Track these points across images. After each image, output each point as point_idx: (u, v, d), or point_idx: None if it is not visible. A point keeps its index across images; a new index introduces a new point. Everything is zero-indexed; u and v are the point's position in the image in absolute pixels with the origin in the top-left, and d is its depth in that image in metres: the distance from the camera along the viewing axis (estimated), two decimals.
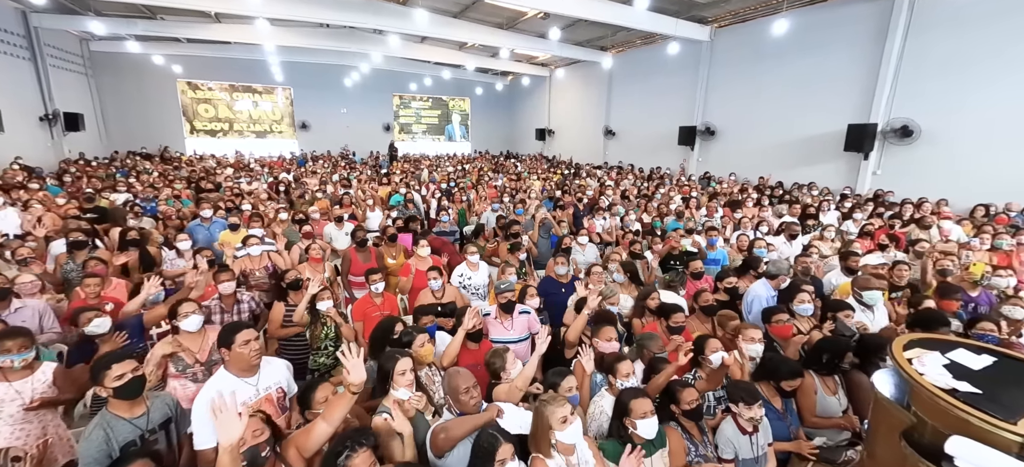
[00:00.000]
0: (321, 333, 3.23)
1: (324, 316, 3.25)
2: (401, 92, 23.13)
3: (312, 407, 2.09)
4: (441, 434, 1.98)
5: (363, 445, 1.69)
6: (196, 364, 2.68)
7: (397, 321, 2.56)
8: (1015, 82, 7.31)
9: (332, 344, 3.28)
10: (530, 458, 1.97)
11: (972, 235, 5.90)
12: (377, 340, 2.51)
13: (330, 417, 1.88)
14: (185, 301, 2.77)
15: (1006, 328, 3.21)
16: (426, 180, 11.57)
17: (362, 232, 4.61)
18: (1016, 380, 1.68)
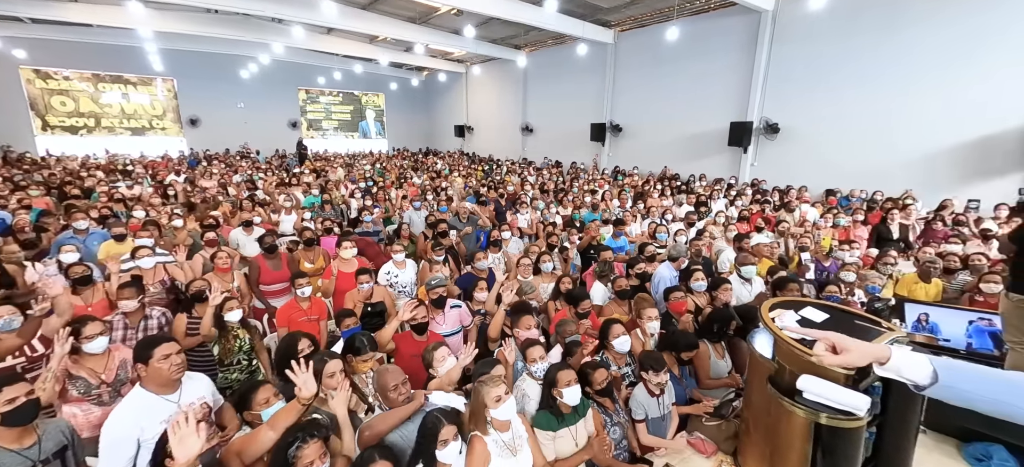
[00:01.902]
0: (233, 346, 3.02)
1: (235, 328, 3.06)
2: (308, 86, 21.64)
3: (252, 408, 2.02)
4: (366, 431, 2.04)
5: (314, 436, 1.70)
6: (101, 386, 2.41)
7: (301, 337, 2.48)
8: (858, 89, 8.88)
9: (245, 357, 3.08)
10: (469, 436, 2.12)
11: (821, 215, 7.18)
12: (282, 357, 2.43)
13: (277, 426, 1.85)
14: (90, 321, 2.47)
15: (845, 289, 4.00)
16: (342, 179, 11.06)
17: (271, 237, 4.34)
18: (846, 328, 2.16)
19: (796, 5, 9.32)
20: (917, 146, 8.28)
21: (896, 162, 8.53)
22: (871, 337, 2.08)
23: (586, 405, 2.44)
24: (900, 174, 8.36)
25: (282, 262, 4.32)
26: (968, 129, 7.65)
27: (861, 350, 1.15)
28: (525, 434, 2.22)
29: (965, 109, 7.61)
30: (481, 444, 2.08)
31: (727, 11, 10.52)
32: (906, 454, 2.26)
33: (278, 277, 4.06)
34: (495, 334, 3.10)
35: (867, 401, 1.74)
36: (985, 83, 7.35)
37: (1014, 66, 7.04)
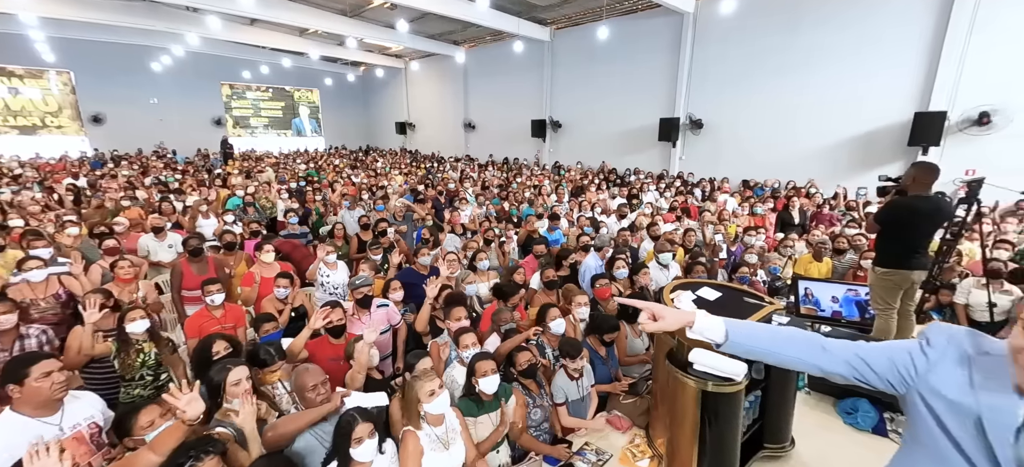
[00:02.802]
0: (135, 361, 2.79)
1: (139, 341, 2.85)
2: (232, 81, 20.16)
3: (133, 433, 1.88)
4: (269, 432, 1.99)
5: (209, 453, 1.63)
6: None
7: (216, 340, 2.37)
8: (767, 87, 9.69)
9: (151, 372, 2.86)
10: (402, 431, 2.13)
11: (740, 202, 7.81)
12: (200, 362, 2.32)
13: (160, 448, 1.73)
14: None
15: (750, 270, 4.41)
16: (271, 180, 10.46)
17: (196, 240, 4.06)
18: (733, 304, 2.40)
19: (712, 8, 10.00)
20: (818, 139, 9.20)
21: (801, 153, 9.43)
22: (756, 311, 2.33)
23: (508, 390, 2.53)
24: (805, 164, 9.26)
25: (209, 266, 4.06)
26: (858, 123, 8.62)
27: (674, 317, 1.30)
28: (458, 427, 2.27)
29: (855, 105, 8.56)
30: (414, 439, 2.10)
31: (653, 12, 11.07)
32: (787, 412, 2.55)
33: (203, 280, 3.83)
34: (422, 328, 3.13)
35: (743, 367, 1.94)
36: (870, 82, 8.31)
37: (891, 68, 8.02)
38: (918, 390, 1.07)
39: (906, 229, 3.26)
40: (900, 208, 3.25)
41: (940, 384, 1.03)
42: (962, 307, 4.20)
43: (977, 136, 7.36)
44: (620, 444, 2.67)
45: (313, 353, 2.79)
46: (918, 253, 3.31)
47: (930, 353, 1.08)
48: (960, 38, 7.25)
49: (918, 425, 1.09)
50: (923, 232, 3.33)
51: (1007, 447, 0.92)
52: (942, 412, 1.03)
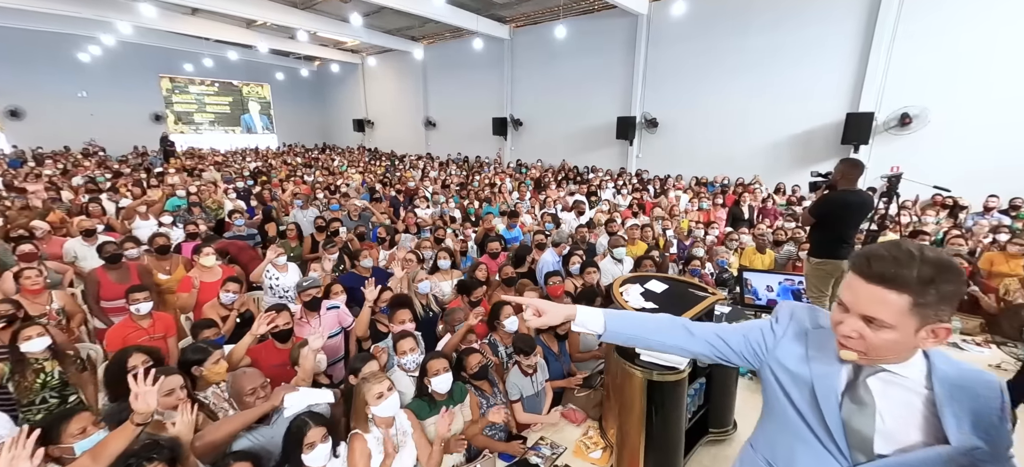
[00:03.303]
0: (33, 383, 2.47)
1: (38, 361, 2.52)
2: (172, 73, 18.89)
3: (61, 441, 1.72)
4: (197, 443, 1.88)
5: (154, 458, 1.53)
6: None
7: (133, 353, 2.19)
8: (718, 87, 10.09)
9: (55, 394, 2.55)
10: (351, 434, 2.07)
11: (691, 198, 8.13)
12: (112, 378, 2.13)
13: (103, 455, 1.61)
14: None
15: (700, 263, 4.59)
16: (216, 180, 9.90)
17: (112, 246, 3.74)
18: (679, 296, 2.48)
19: (664, 11, 10.33)
20: (762, 137, 9.71)
21: (748, 151, 9.92)
22: (700, 302, 2.41)
23: (463, 391, 2.51)
24: (751, 161, 9.76)
25: (131, 273, 3.76)
26: (798, 122, 9.16)
27: (557, 311, 1.32)
28: (410, 428, 2.23)
29: (795, 106, 9.09)
30: (361, 442, 2.05)
31: (609, 13, 11.30)
32: (730, 398, 2.67)
33: (123, 291, 3.52)
34: (362, 333, 3.06)
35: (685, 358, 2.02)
36: (808, 84, 8.85)
37: (827, 72, 8.58)
38: (768, 364, 1.15)
39: (837, 222, 3.49)
40: (832, 202, 3.48)
41: (784, 357, 1.11)
42: None
43: (900, 136, 8.00)
44: (575, 437, 2.71)
45: (256, 359, 2.65)
46: (848, 243, 3.56)
47: (777, 329, 1.16)
48: (884, 45, 7.85)
49: (770, 396, 1.17)
50: (852, 224, 3.58)
51: (834, 412, 1.00)
52: (786, 383, 1.11)
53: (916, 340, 0.89)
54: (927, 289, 0.83)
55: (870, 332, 0.89)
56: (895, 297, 0.85)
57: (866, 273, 0.89)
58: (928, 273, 0.83)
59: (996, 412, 0.90)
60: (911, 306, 0.84)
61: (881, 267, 0.87)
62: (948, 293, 0.85)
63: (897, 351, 0.91)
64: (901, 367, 0.94)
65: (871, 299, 0.88)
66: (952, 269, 0.85)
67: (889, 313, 0.86)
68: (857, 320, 0.90)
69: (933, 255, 0.86)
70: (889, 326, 0.87)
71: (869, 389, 0.98)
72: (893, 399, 0.96)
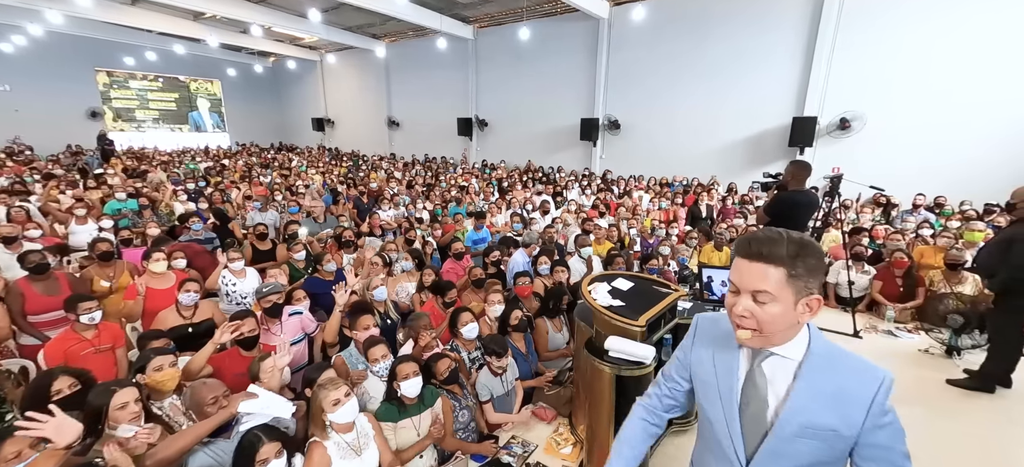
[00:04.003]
0: None
1: None
2: (110, 67, 17.58)
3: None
4: (148, 461, 1.75)
5: None
6: None
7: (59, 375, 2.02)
8: (676, 90, 10.48)
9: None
10: (308, 443, 2.01)
11: (653, 198, 8.40)
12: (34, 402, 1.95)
13: None
14: None
15: (662, 261, 4.76)
16: (164, 181, 9.31)
17: (37, 255, 3.42)
18: (644, 293, 2.57)
19: (625, 16, 10.62)
20: (718, 138, 10.16)
21: (705, 152, 10.36)
22: (664, 299, 2.51)
23: (434, 394, 2.49)
24: (707, 162, 10.20)
25: (61, 284, 3.46)
26: (750, 125, 9.66)
27: None
28: (371, 431, 2.19)
29: (747, 110, 9.58)
30: (320, 450, 1.99)
31: (572, 16, 11.48)
32: None
33: (53, 304, 3.24)
34: (331, 339, 2.98)
35: (652, 351, 2.10)
36: (759, 89, 9.34)
37: (776, 78, 9.09)
38: (690, 374, 1.22)
39: (789, 220, 3.72)
40: (784, 202, 3.71)
41: (695, 365, 1.19)
42: (831, 286, 4.89)
43: (841, 138, 8.60)
44: (545, 434, 2.75)
45: (219, 368, 2.52)
46: None
47: (687, 343, 1.24)
48: (825, 54, 8.42)
49: (698, 406, 1.21)
50: (801, 222, 3.83)
51: (733, 406, 1.08)
52: (699, 389, 1.19)
53: (796, 314, 0.97)
54: (796, 262, 0.93)
55: (758, 309, 0.97)
56: (773, 270, 0.94)
57: (749, 253, 0.98)
58: (794, 249, 0.94)
59: (865, 401, 0.97)
60: (786, 277, 0.94)
61: (759, 246, 0.97)
62: (812, 266, 0.95)
63: (783, 326, 0.98)
64: (786, 348, 1.02)
65: (755, 275, 0.96)
66: (811, 246, 0.96)
67: (771, 284, 0.94)
68: (747, 298, 0.98)
69: (797, 236, 0.97)
70: (773, 297, 0.95)
71: (763, 373, 1.05)
72: (781, 382, 1.04)
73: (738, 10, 9.29)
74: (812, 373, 1.00)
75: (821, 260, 0.97)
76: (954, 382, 3.36)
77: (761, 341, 1.02)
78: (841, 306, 4.69)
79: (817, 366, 1.00)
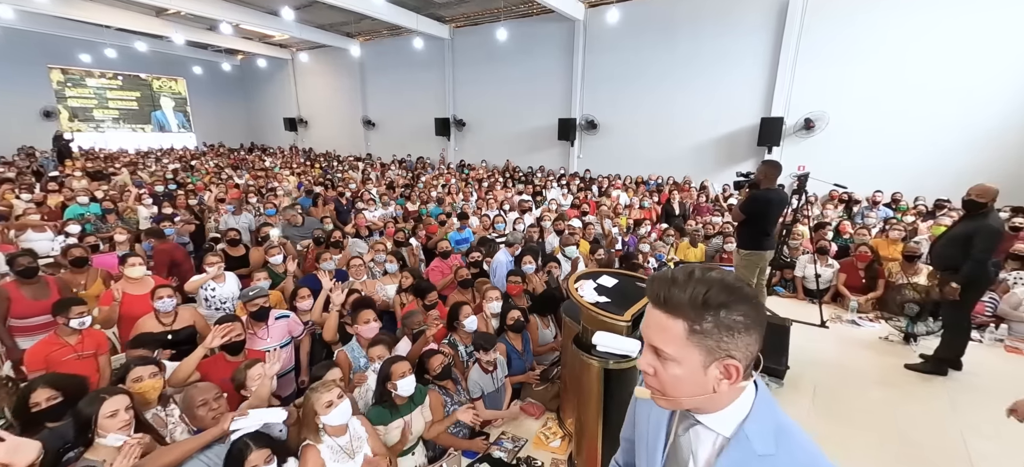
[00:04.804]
0: None
1: None
2: (65, 64, 16.68)
3: None
4: None
5: None
6: None
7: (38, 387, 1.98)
8: (649, 90, 10.72)
9: None
10: (301, 446, 2.02)
11: (630, 196, 8.60)
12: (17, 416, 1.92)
13: None
14: None
15: (642, 258, 4.91)
16: (127, 184, 8.95)
17: (28, 258, 3.33)
18: (629, 289, 2.67)
19: (600, 17, 10.81)
20: (690, 138, 10.47)
21: (678, 152, 10.65)
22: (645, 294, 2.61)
23: (423, 393, 2.53)
24: (681, 162, 10.51)
25: (50, 288, 3.35)
26: (721, 125, 10.00)
27: None
28: (364, 434, 2.21)
29: (718, 110, 9.91)
30: (313, 453, 2.00)
31: (548, 17, 11.61)
32: None
33: (40, 308, 3.16)
34: (330, 337, 2.97)
35: (638, 345, 2.19)
36: (729, 90, 9.67)
37: (745, 80, 9.43)
38: None
39: (762, 217, 3.92)
40: (757, 200, 3.90)
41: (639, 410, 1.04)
42: (799, 279, 5.15)
43: (806, 138, 9.01)
44: (534, 429, 2.83)
45: (206, 374, 2.48)
46: (769, 236, 4.01)
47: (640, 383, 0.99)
48: (790, 57, 8.81)
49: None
50: (773, 219, 4.03)
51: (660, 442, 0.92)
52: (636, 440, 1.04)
53: (707, 379, 0.76)
54: (703, 313, 0.72)
55: (661, 366, 0.78)
56: (671, 322, 0.74)
57: (651, 296, 0.79)
58: (701, 294, 0.72)
59: None
60: (687, 332, 0.73)
61: (658, 288, 0.77)
62: (731, 323, 0.73)
63: (691, 392, 0.77)
64: (713, 418, 0.81)
65: (654, 326, 0.78)
66: (734, 292, 0.74)
67: (667, 340, 0.75)
68: (649, 352, 0.80)
69: (716, 276, 0.75)
70: (672, 358, 0.76)
71: (688, 440, 0.86)
72: (703, 457, 0.83)
73: (707, 15, 9.60)
74: (737, 458, 0.78)
75: (749, 314, 0.74)
76: (911, 367, 3.62)
77: (668, 404, 0.83)
78: (809, 298, 4.95)
79: (744, 453, 0.78)
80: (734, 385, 0.77)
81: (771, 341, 3.38)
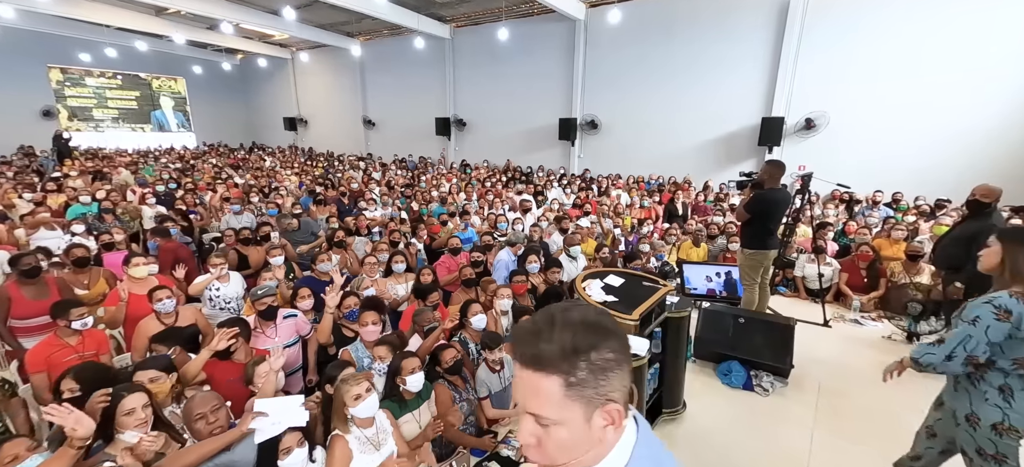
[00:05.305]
0: None
1: None
2: (64, 64, 16.65)
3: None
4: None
5: None
6: None
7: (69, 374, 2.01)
8: (650, 90, 10.75)
9: None
10: (330, 435, 2.07)
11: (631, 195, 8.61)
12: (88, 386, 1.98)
13: None
14: None
15: (644, 258, 4.92)
16: (129, 183, 8.94)
17: (32, 258, 3.33)
18: (636, 288, 2.69)
19: (601, 17, 10.82)
20: (692, 138, 10.50)
21: (680, 151, 10.67)
22: (653, 293, 2.63)
23: (429, 389, 2.54)
24: (682, 161, 10.52)
25: (50, 289, 3.35)
26: (722, 125, 10.02)
27: None
28: (389, 427, 2.25)
29: (719, 110, 9.93)
30: (342, 443, 2.04)
31: (549, 17, 11.62)
32: (680, 380, 2.94)
33: (40, 308, 3.15)
34: (325, 339, 2.99)
35: (646, 344, 2.21)
36: (730, 90, 9.69)
37: (746, 80, 9.45)
38: None
39: (766, 217, 3.94)
40: (763, 200, 3.91)
41: None
42: (800, 279, 5.17)
43: (806, 138, 9.04)
44: None
45: (211, 375, 2.49)
46: (773, 236, 4.03)
47: None
48: (791, 57, 8.83)
49: None
50: (777, 218, 4.05)
51: None
52: None
53: (592, 431, 0.69)
54: (576, 362, 0.65)
55: (544, 434, 0.69)
56: (545, 381, 0.66)
57: (518, 357, 0.70)
58: (569, 340, 0.66)
59: None
60: (564, 388, 0.66)
61: (524, 346, 0.69)
62: (604, 363, 0.67)
63: (581, 452, 0.70)
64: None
65: (527, 390, 0.69)
66: (599, 329, 0.68)
67: (545, 403, 0.67)
68: (529, 421, 0.70)
69: (577, 316, 0.69)
70: (555, 421, 0.67)
71: None
72: None
73: (708, 15, 9.62)
74: None
75: (619, 348, 0.69)
76: None
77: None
78: (811, 298, 4.97)
79: None
80: (618, 427, 0.71)
81: (776, 340, 3.40)
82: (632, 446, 0.74)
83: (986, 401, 1.78)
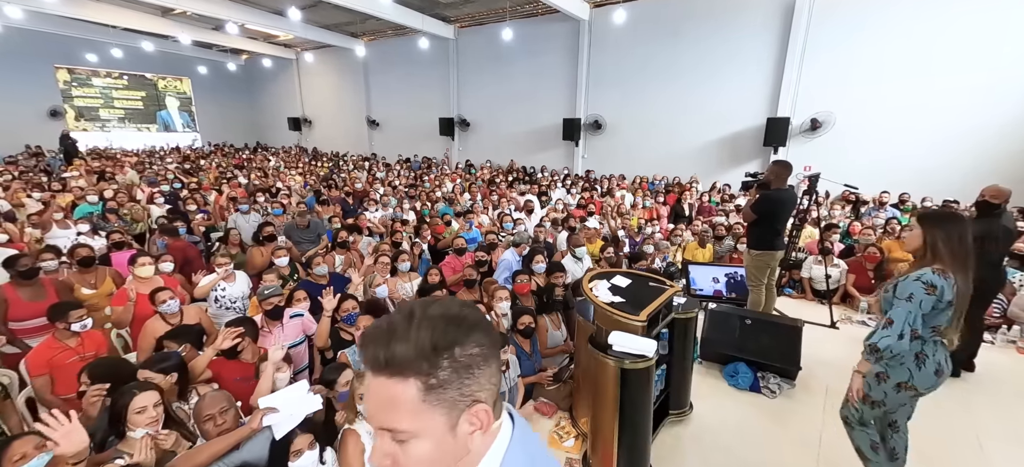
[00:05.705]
0: None
1: None
2: (71, 64, 16.77)
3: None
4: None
5: None
6: None
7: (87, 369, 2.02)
8: (655, 91, 10.72)
9: None
10: (342, 429, 2.08)
11: (635, 196, 8.59)
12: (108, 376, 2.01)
13: None
14: None
15: (649, 259, 4.90)
16: (136, 183, 8.99)
17: (29, 259, 3.34)
18: (643, 289, 2.67)
19: (605, 18, 10.81)
20: (697, 138, 10.46)
21: (685, 151, 10.63)
22: (660, 293, 2.61)
23: None
24: (687, 162, 10.48)
25: (48, 290, 3.36)
26: (727, 126, 9.98)
27: None
28: None
29: (725, 110, 9.89)
30: (354, 437, 2.04)
31: (553, 17, 11.60)
32: (686, 381, 2.92)
33: (37, 310, 3.15)
34: (322, 343, 2.99)
35: (653, 345, 2.20)
36: (736, 91, 9.65)
37: (751, 80, 9.41)
38: None
39: (773, 217, 3.91)
40: (770, 200, 3.88)
41: None
42: (807, 280, 5.14)
43: (812, 138, 8.99)
44: (548, 428, 2.83)
45: (218, 373, 2.50)
46: (780, 237, 4.00)
47: None
48: (796, 58, 8.79)
49: None
50: (783, 219, 4.02)
51: None
52: None
53: (458, 441, 0.62)
54: (437, 361, 0.59)
55: (400, 452, 0.61)
56: (400, 386, 0.58)
57: (368, 362, 0.61)
58: (428, 338, 0.59)
59: None
60: (423, 393, 0.58)
61: (375, 349, 0.60)
62: (469, 359, 0.60)
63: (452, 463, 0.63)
64: None
65: (378, 402, 0.61)
66: (463, 321, 0.62)
67: (401, 414, 0.59)
68: (383, 438, 0.62)
69: (437, 310, 0.62)
70: (412, 434, 0.59)
71: None
72: None
73: (713, 15, 9.58)
74: None
75: (486, 340, 0.63)
76: None
77: None
78: (818, 299, 4.93)
79: None
80: (487, 431, 0.63)
81: (783, 342, 3.38)
82: (504, 451, 0.66)
83: (901, 365, 2.02)
